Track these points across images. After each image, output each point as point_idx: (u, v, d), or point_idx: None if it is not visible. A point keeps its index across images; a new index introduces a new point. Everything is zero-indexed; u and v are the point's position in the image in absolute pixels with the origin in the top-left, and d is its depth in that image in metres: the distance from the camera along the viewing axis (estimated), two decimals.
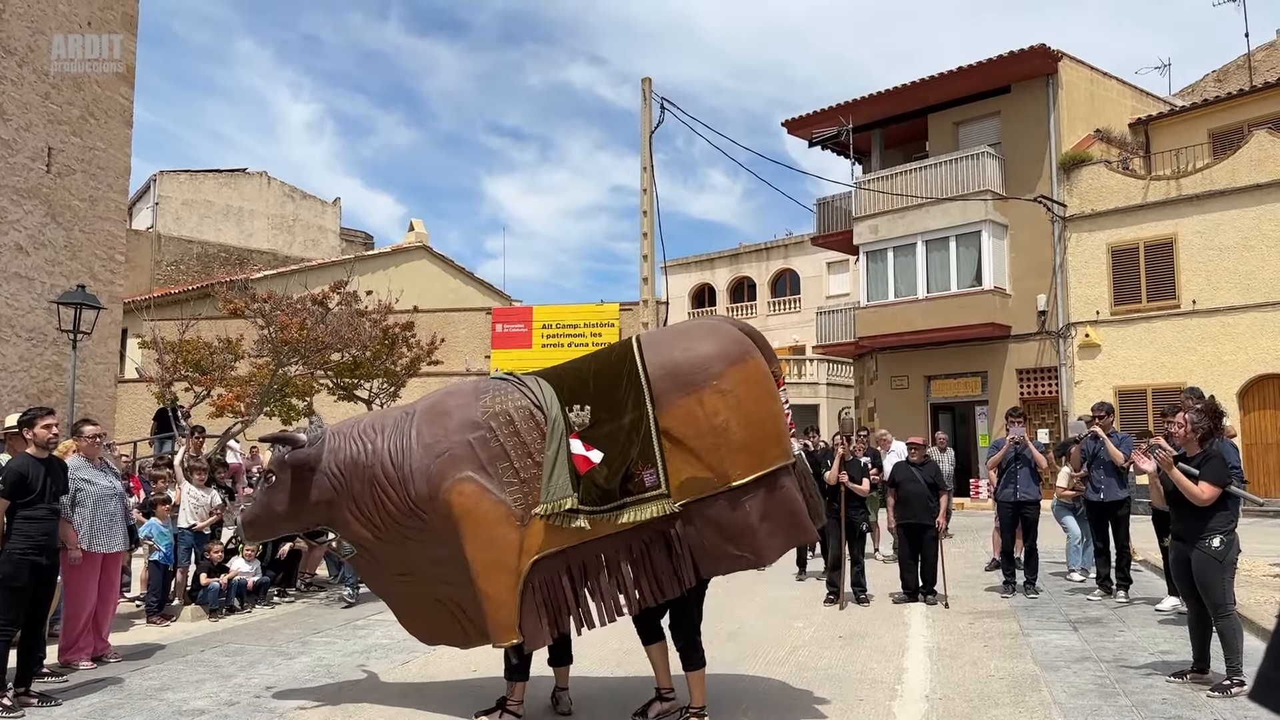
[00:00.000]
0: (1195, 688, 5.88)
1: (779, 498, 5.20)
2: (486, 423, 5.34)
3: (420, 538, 5.43)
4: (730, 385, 5.13)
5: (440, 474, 5.27)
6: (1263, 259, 18.55)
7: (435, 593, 5.58)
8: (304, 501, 5.62)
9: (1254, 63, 25.91)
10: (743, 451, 5.09)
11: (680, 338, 5.42)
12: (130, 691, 6.33)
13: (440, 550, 5.37)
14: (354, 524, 5.56)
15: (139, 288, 29.23)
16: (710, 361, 5.17)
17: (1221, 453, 6.07)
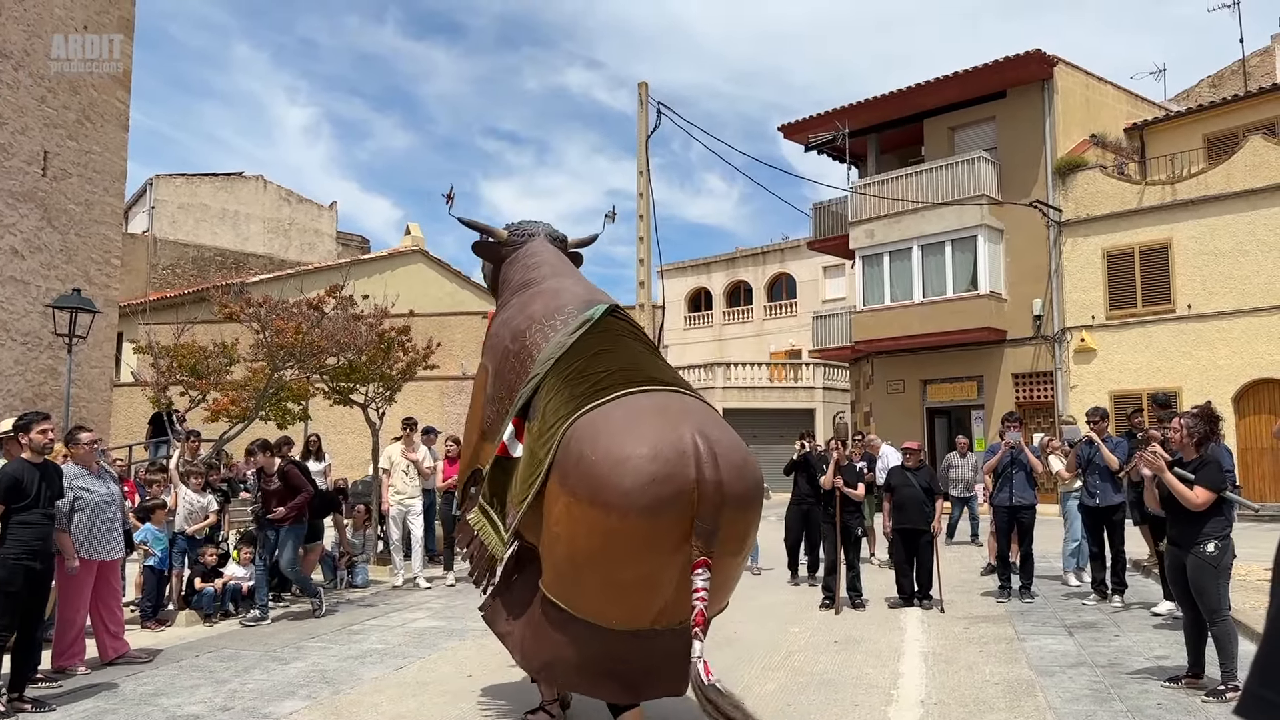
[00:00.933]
0: (1190, 693, 5.89)
1: (557, 638, 4.40)
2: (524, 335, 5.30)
3: None
4: (574, 512, 4.16)
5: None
6: (1258, 264, 18.60)
7: None
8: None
9: (1249, 68, 25.99)
10: (554, 573, 4.41)
11: (626, 426, 4.20)
12: (124, 697, 6.31)
13: None
14: None
15: (135, 291, 29.20)
16: (594, 467, 4.10)
17: (1217, 458, 6.08)
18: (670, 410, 4.25)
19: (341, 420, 20.13)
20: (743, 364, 31.84)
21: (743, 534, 4.20)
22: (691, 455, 3.96)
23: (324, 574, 11.48)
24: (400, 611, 9.64)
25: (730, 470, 4.02)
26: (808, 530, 10.99)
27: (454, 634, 8.32)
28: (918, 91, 23.00)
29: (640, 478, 3.94)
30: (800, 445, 10.94)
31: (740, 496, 4.06)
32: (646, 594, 4.08)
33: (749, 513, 4.18)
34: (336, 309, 11.72)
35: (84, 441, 7.33)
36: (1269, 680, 0.76)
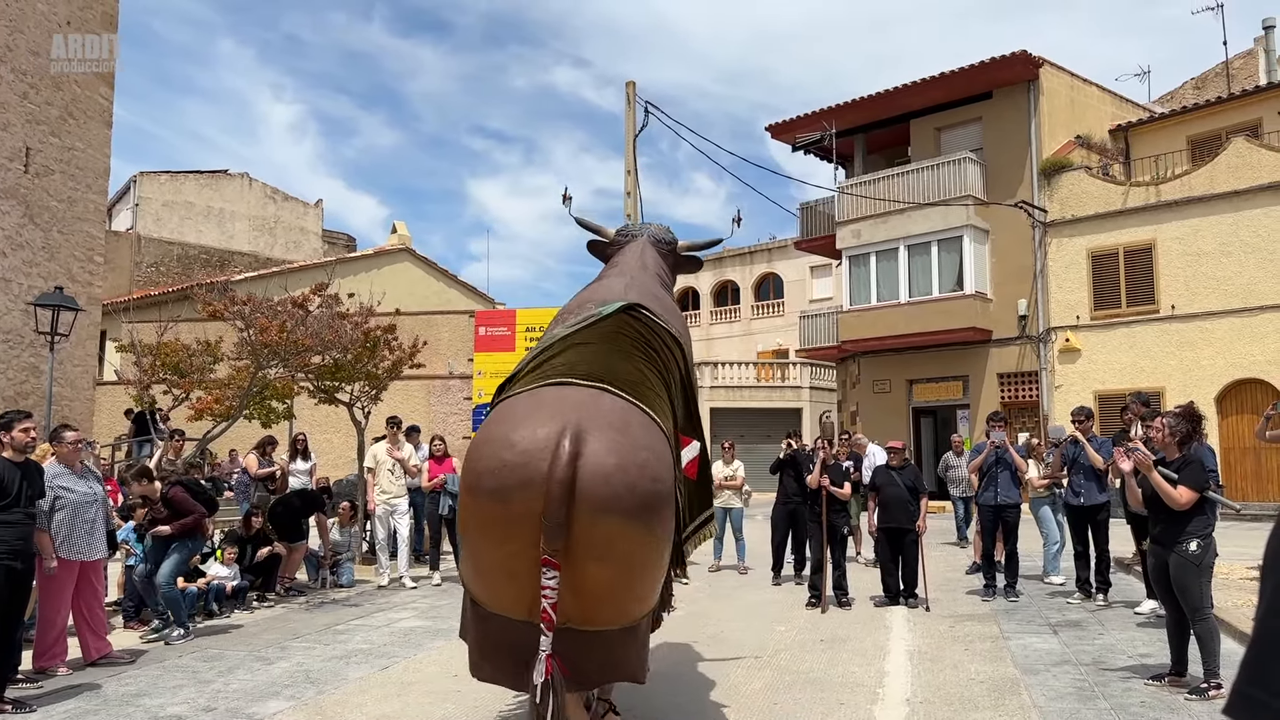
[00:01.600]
0: (1173, 691, 5.92)
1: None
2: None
3: None
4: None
5: None
6: (1240, 265, 18.73)
7: None
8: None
9: (1232, 70, 26.18)
10: None
11: (512, 415, 4.35)
12: (106, 697, 6.26)
13: None
14: None
15: (118, 289, 29.00)
16: (470, 449, 4.38)
17: (1200, 457, 6.12)
18: (563, 404, 4.19)
19: (327, 419, 20.04)
20: (730, 363, 31.86)
21: (606, 541, 3.91)
22: (549, 450, 3.90)
23: (308, 573, 11.43)
24: (385, 611, 9.60)
25: (593, 473, 3.90)
26: (794, 529, 11.00)
27: (440, 634, 8.29)
28: (904, 92, 23.07)
29: (492, 463, 4.01)
30: (787, 444, 10.95)
31: (598, 500, 3.88)
32: (506, 581, 4.07)
33: (611, 520, 3.90)
34: (322, 307, 11.65)
35: (68, 441, 7.27)
36: (1256, 679, 0.76)
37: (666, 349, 5.15)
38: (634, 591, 4.16)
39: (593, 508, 3.87)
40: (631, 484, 3.96)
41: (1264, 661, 0.76)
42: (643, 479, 4.02)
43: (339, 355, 11.68)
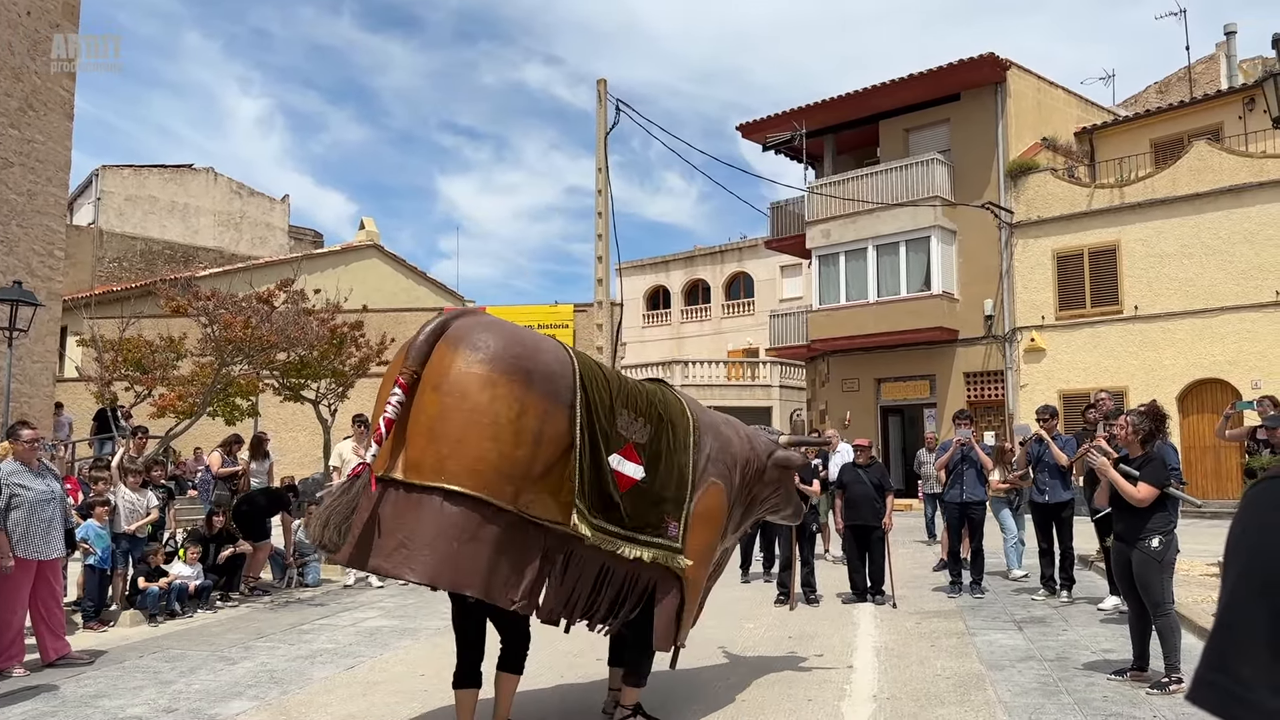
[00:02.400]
0: (1135, 685, 5.99)
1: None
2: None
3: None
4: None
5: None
6: (1202, 266, 19.03)
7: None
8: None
9: (1194, 75, 26.59)
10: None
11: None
12: (64, 699, 6.15)
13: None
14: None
15: (79, 285, 28.51)
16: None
17: (1162, 455, 6.20)
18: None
19: (293, 417, 19.83)
20: (701, 362, 31.92)
21: (435, 371, 4.34)
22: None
23: (273, 573, 11.30)
24: (351, 610, 9.52)
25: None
26: (761, 527, 11.02)
27: (406, 633, 8.23)
28: (874, 93, 23.23)
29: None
30: None
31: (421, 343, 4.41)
32: None
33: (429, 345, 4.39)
34: (287, 304, 11.53)
35: (25, 438, 7.13)
36: (1217, 665, 0.77)
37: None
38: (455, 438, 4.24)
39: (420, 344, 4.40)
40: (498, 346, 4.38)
41: (1225, 649, 0.76)
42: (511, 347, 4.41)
43: (305, 352, 11.56)
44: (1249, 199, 18.51)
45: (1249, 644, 0.74)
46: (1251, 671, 0.73)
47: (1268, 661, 0.72)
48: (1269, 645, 0.73)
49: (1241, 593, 0.77)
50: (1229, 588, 0.79)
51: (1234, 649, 0.76)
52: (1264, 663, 0.73)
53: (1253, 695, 0.73)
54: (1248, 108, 20.43)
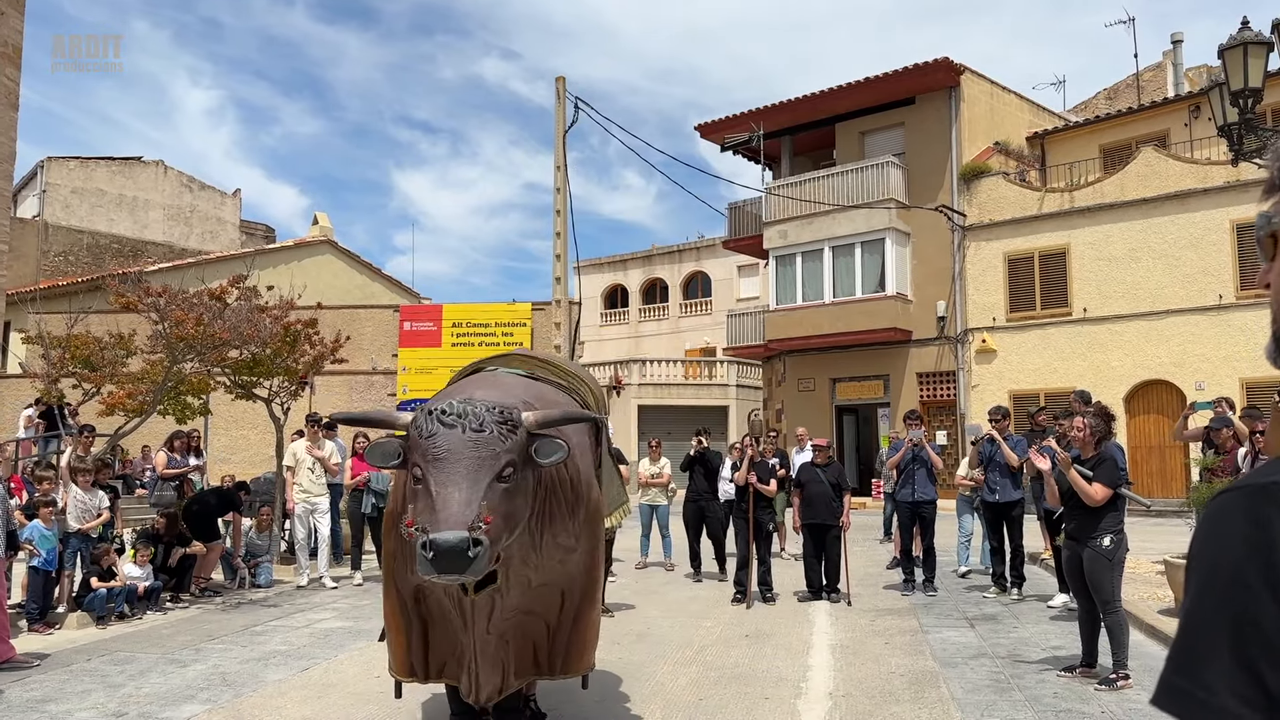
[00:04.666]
0: (1084, 681, 6.12)
1: None
2: (587, 393, 5.29)
3: (559, 556, 4.31)
4: None
5: (588, 475, 4.55)
6: (1149, 270, 19.46)
7: (511, 626, 4.34)
8: (529, 512, 4.01)
9: (1142, 82, 27.17)
10: None
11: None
12: (9, 703, 6.00)
13: (554, 573, 4.37)
14: (517, 550, 4.06)
15: (24, 279, 27.81)
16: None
17: (1112, 455, 6.34)
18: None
19: (243, 414, 19.53)
20: (658, 361, 31.99)
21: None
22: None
23: (224, 573, 11.13)
24: (305, 612, 9.40)
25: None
26: (708, 525, 11.13)
27: (361, 634, 8.15)
28: (830, 96, 23.44)
29: None
30: (697, 442, 11.08)
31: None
32: None
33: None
34: (240, 300, 11.35)
35: None
36: (1181, 669, 0.80)
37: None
38: None
39: None
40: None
41: (1188, 654, 0.80)
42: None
43: (257, 350, 11.39)
44: (1194, 204, 18.96)
45: (1211, 650, 0.77)
46: (1214, 677, 0.76)
47: (1230, 667, 0.75)
48: (1231, 651, 0.76)
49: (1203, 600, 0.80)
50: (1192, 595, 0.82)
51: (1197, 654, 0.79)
52: (1226, 668, 0.76)
53: (1215, 700, 0.75)
54: (1193, 115, 20.92)
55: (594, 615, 4.55)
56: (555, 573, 4.32)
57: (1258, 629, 0.74)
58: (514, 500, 3.70)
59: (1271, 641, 0.74)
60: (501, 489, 3.61)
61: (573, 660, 4.43)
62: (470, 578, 3.46)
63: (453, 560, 3.32)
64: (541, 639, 4.45)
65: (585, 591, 4.46)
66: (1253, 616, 0.75)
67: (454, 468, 3.52)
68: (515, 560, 4.01)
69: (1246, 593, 0.76)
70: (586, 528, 4.41)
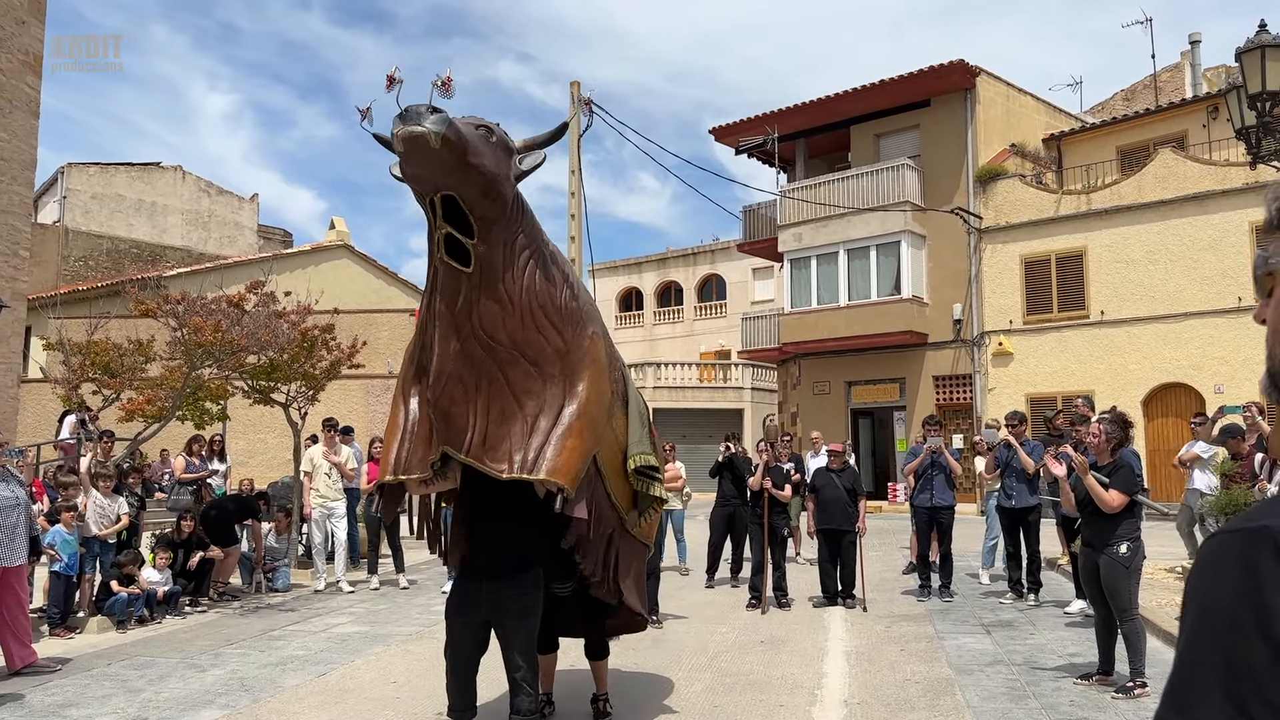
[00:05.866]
0: (1101, 689, 6.10)
1: None
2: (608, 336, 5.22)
3: (537, 325, 4.50)
4: None
5: (590, 317, 4.83)
6: (1166, 272, 19.33)
7: (484, 378, 4.47)
8: (495, 173, 4.21)
9: (1159, 83, 27.01)
10: None
11: None
12: (31, 708, 6.07)
13: (534, 351, 4.52)
14: (495, 252, 4.31)
15: (44, 284, 28.09)
16: None
17: (1129, 462, 6.31)
18: None
19: (261, 420, 19.65)
20: (673, 364, 32.01)
21: None
22: None
23: (242, 578, 11.21)
24: (322, 616, 9.46)
25: None
26: (733, 531, 11.07)
27: (378, 639, 8.20)
28: (845, 98, 23.40)
29: None
30: (726, 447, 11.03)
31: None
32: None
33: None
34: (258, 306, 11.43)
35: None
36: (1173, 706, 0.82)
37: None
38: None
39: None
40: None
41: (1183, 690, 0.82)
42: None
43: (275, 355, 11.47)
44: (1213, 206, 18.83)
45: (1204, 689, 0.79)
46: (1206, 715, 0.78)
47: (1222, 705, 0.77)
48: (1222, 691, 0.78)
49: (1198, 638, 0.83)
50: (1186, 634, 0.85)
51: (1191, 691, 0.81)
52: (1219, 707, 0.78)
53: None
54: (1211, 116, 20.77)
55: (580, 439, 4.57)
56: (534, 344, 4.51)
57: (1249, 670, 0.77)
58: (484, 145, 4.16)
59: (1261, 682, 0.76)
60: (476, 130, 4.17)
61: (546, 464, 4.46)
62: (428, 130, 3.83)
63: (414, 115, 3.84)
64: (518, 430, 4.53)
65: (577, 409, 4.58)
66: (1244, 657, 0.77)
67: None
68: (490, 271, 4.31)
69: (1238, 635, 0.78)
70: (578, 352, 4.65)
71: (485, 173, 4.13)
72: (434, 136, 3.81)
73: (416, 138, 3.79)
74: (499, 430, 4.49)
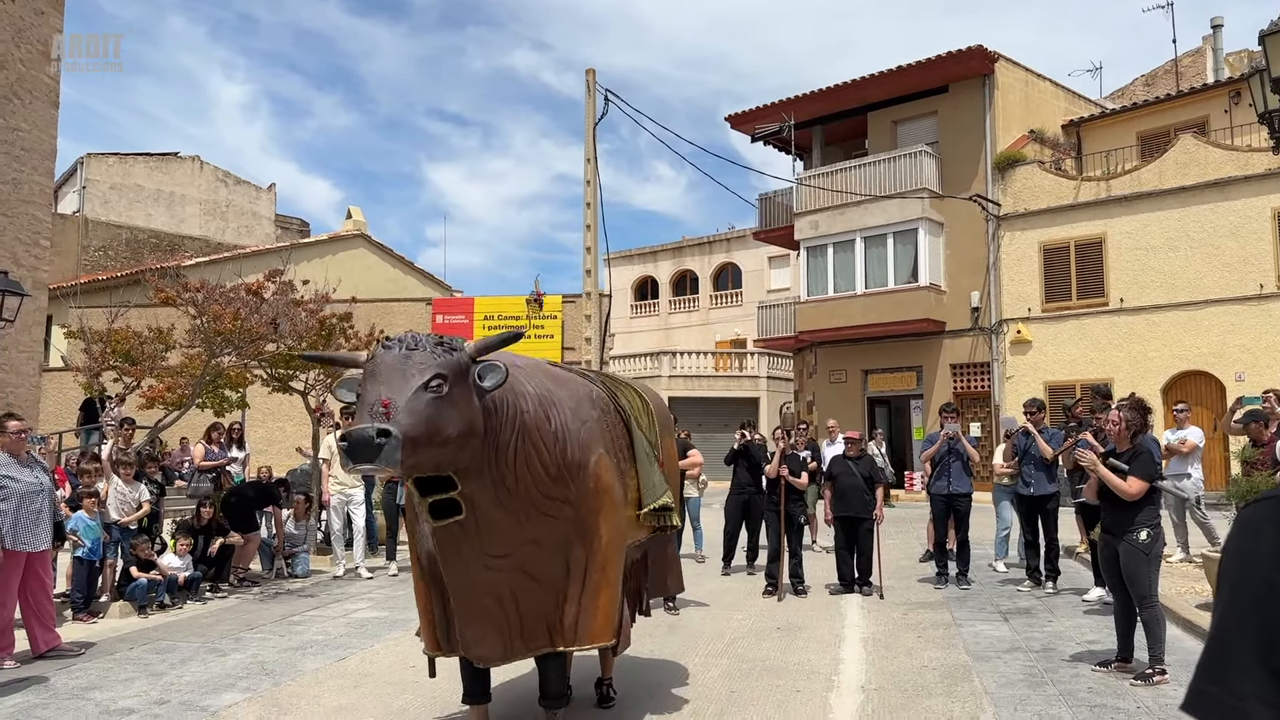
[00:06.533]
0: (1119, 676, 6.07)
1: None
2: (600, 403, 5.17)
3: (543, 509, 4.48)
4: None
5: (587, 443, 4.72)
6: (1186, 259, 19.16)
7: (507, 585, 4.51)
8: (466, 430, 4.02)
9: (1180, 68, 26.71)
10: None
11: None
12: (55, 691, 6.15)
13: (545, 530, 4.52)
14: (483, 478, 4.22)
15: (65, 273, 28.32)
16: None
17: (1149, 448, 6.26)
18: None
19: (280, 407, 19.79)
20: (688, 353, 31.99)
21: None
22: None
23: (261, 564, 11.31)
24: (341, 602, 9.53)
25: None
26: (748, 519, 11.07)
27: (397, 624, 8.25)
28: (862, 85, 23.27)
29: None
30: (741, 435, 11.01)
31: None
32: None
33: None
34: (276, 294, 11.49)
35: (11, 430, 7.10)
36: (1210, 676, 0.81)
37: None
38: None
39: None
40: None
41: (1219, 661, 0.81)
42: None
43: (293, 343, 11.53)
44: (1234, 192, 18.64)
45: (1241, 657, 0.79)
46: (1243, 683, 0.77)
47: (1258, 674, 0.77)
48: (1259, 659, 0.77)
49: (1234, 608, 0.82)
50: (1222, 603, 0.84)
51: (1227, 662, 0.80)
52: (1255, 675, 0.77)
53: (1245, 706, 0.77)
54: (1233, 101, 20.55)
55: (609, 591, 4.69)
56: (547, 530, 4.50)
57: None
58: (443, 411, 3.87)
59: None
60: (428, 397, 3.82)
61: (584, 632, 4.58)
62: (382, 468, 3.65)
63: (361, 449, 3.56)
64: (553, 609, 4.63)
65: (598, 563, 4.64)
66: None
67: (383, 377, 3.83)
68: (484, 499, 4.22)
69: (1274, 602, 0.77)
70: (587, 497, 4.61)
71: (453, 441, 3.94)
72: (394, 468, 3.69)
73: (375, 473, 3.80)
74: (532, 616, 4.60)
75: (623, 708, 5.64)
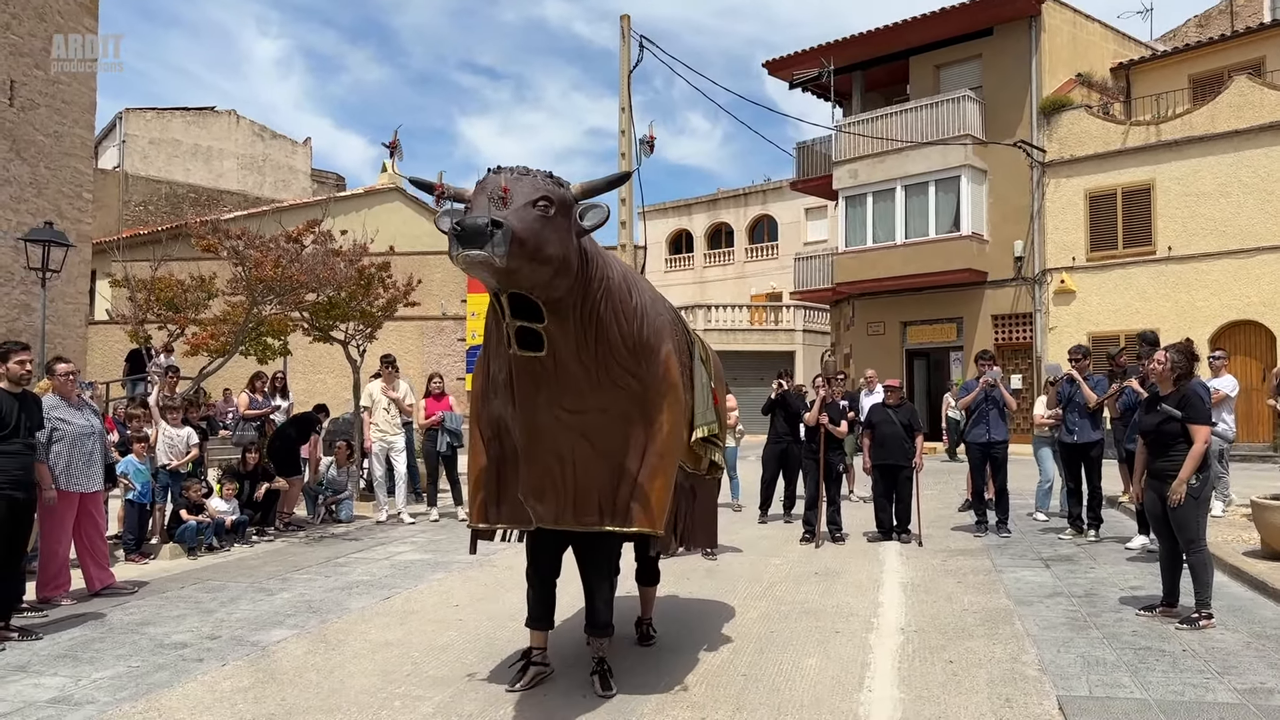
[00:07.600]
0: (1165, 620, 6.01)
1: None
2: (673, 313, 5.30)
3: (615, 378, 4.51)
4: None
5: (661, 331, 4.82)
6: (1239, 206, 18.66)
7: (570, 446, 4.55)
8: (563, 257, 4.04)
9: (1235, 8, 25.80)
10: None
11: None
12: (111, 626, 6.32)
13: (613, 399, 4.55)
14: (567, 324, 4.23)
15: (107, 228, 28.70)
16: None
17: (1198, 391, 6.13)
18: None
19: (320, 359, 20.02)
20: (723, 306, 31.85)
21: None
22: None
23: (306, 507, 11.51)
24: (384, 545, 9.68)
25: None
26: (785, 468, 11.05)
27: (439, 566, 8.37)
28: (904, 28, 22.74)
29: None
30: (778, 384, 10.96)
31: None
32: None
33: None
34: (315, 244, 11.54)
35: (60, 372, 7.23)
36: None
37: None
38: None
39: None
40: None
41: None
42: None
43: (333, 293, 11.60)
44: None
45: None
46: None
47: None
48: None
49: None
50: None
51: None
52: None
53: None
54: None
55: (664, 479, 4.71)
56: (615, 399, 4.54)
57: None
58: (547, 230, 3.93)
59: None
60: (536, 213, 3.88)
61: (635, 514, 4.61)
62: (491, 256, 3.65)
63: (474, 237, 3.60)
64: (608, 484, 4.65)
65: (657, 449, 4.67)
66: None
67: (492, 192, 3.91)
68: (565, 348, 4.26)
69: None
70: (656, 381, 4.69)
71: (553, 262, 3.98)
72: (499, 260, 3.68)
73: (480, 263, 3.65)
74: (587, 485, 4.61)
75: (662, 646, 5.70)
